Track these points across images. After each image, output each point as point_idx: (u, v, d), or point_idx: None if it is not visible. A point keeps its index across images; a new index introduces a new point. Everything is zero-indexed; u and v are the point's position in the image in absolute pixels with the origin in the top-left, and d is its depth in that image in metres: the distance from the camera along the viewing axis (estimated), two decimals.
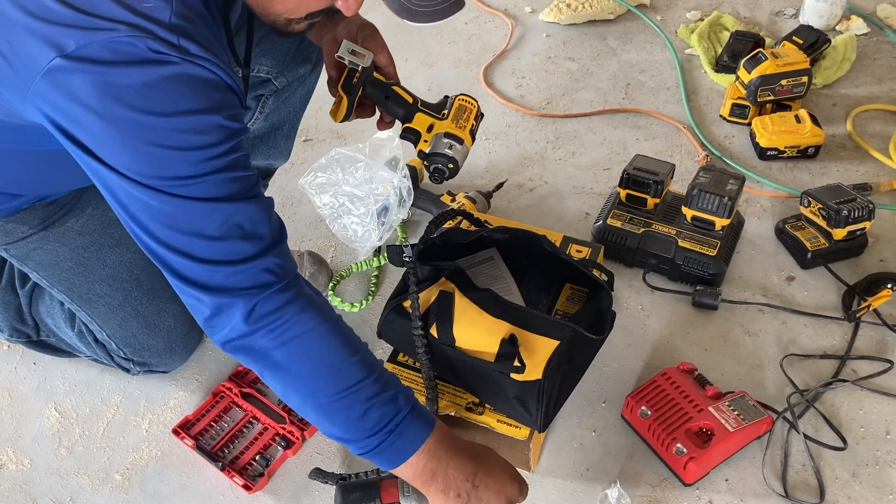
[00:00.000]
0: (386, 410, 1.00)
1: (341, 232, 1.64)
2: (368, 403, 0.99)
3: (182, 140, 0.91)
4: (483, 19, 2.35)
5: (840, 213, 1.54)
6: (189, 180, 0.92)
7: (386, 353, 1.39)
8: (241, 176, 0.96)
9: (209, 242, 0.95)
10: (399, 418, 1.01)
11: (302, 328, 0.98)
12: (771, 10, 2.31)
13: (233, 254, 0.96)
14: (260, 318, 0.97)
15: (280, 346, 0.98)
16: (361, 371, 1.00)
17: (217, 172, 0.93)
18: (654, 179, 1.58)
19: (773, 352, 1.46)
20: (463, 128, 1.26)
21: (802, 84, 1.86)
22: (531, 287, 1.38)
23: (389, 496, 1.16)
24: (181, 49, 0.89)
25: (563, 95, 2.07)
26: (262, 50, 1.34)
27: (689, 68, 2.13)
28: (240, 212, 0.96)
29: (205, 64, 0.90)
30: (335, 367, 0.99)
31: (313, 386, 1.00)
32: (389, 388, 1.02)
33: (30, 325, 1.46)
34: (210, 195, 0.93)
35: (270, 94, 1.41)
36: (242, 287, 0.96)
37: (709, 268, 1.53)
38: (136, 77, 0.87)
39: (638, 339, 1.49)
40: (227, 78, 0.93)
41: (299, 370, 1.00)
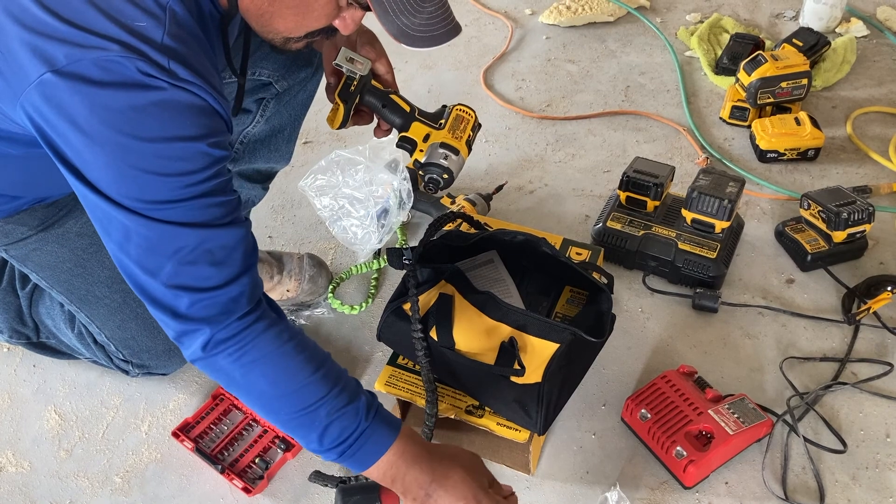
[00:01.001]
0: (346, 424, 1.03)
1: (341, 234, 1.64)
2: (328, 419, 1.02)
3: (164, 166, 0.92)
4: (483, 21, 2.35)
5: (840, 215, 1.54)
6: (167, 205, 0.94)
7: (386, 355, 1.39)
8: (220, 202, 0.98)
9: (178, 267, 0.96)
10: (359, 431, 1.04)
11: (259, 352, 1.01)
12: (770, 12, 2.31)
13: (199, 280, 0.97)
14: (217, 343, 1.00)
15: (239, 368, 1.01)
16: (322, 388, 1.02)
17: (196, 198, 0.95)
18: (654, 182, 1.58)
19: (773, 354, 1.46)
20: (459, 138, 1.26)
21: (802, 86, 1.86)
22: (531, 289, 1.38)
23: (390, 499, 1.16)
24: (171, 73, 0.90)
25: (563, 98, 2.07)
26: (263, 54, 1.34)
27: (688, 70, 2.13)
28: (212, 238, 0.97)
29: (193, 89, 0.91)
30: (294, 387, 1.02)
31: (274, 405, 1.04)
32: (352, 401, 1.04)
33: (30, 326, 1.46)
34: (186, 220, 0.95)
35: (272, 98, 1.41)
36: (203, 317, 0.99)
37: (709, 270, 1.54)
38: (123, 100, 0.88)
39: (638, 342, 1.49)
40: (215, 103, 0.94)
41: (260, 391, 1.03)
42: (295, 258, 1.59)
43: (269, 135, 1.45)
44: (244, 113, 1.42)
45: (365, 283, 1.63)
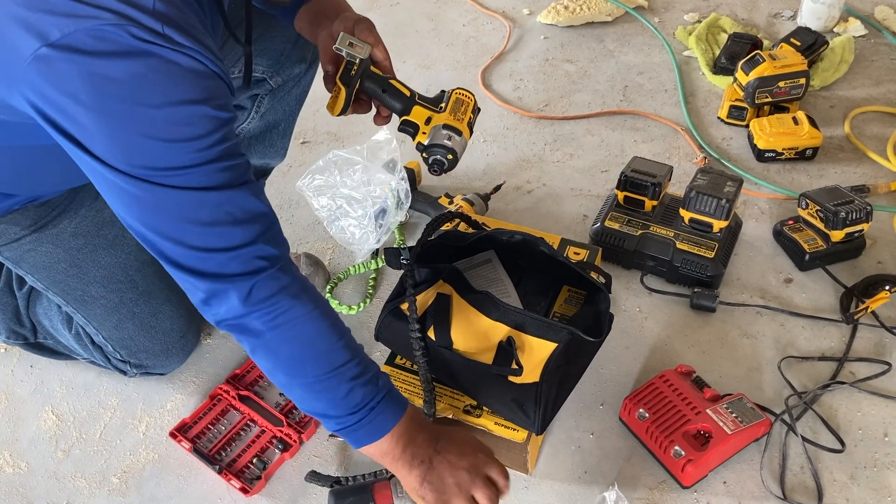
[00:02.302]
0: (367, 390, 1.05)
1: (339, 234, 1.63)
2: (352, 383, 1.04)
3: (171, 131, 0.90)
4: (481, 21, 2.35)
5: (838, 214, 1.54)
6: (179, 171, 0.92)
7: (384, 355, 1.39)
8: (232, 165, 0.96)
9: (202, 230, 0.95)
10: (379, 397, 1.06)
11: (295, 313, 1.01)
12: (768, 12, 2.31)
13: (225, 241, 0.97)
14: (257, 301, 0.99)
15: (273, 328, 1.01)
16: (347, 354, 1.05)
17: (208, 163, 0.93)
18: (652, 181, 1.58)
19: (771, 354, 1.46)
20: (461, 120, 1.25)
21: (800, 86, 1.86)
22: (529, 289, 1.38)
23: (383, 499, 1.15)
24: (166, 37, 0.87)
25: (561, 97, 2.07)
26: (257, 50, 1.33)
27: (686, 70, 2.13)
28: (231, 200, 0.96)
29: (190, 53, 0.89)
30: (324, 349, 1.04)
31: (302, 367, 1.04)
32: (370, 370, 1.07)
33: (27, 327, 1.46)
34: (201, 185, 0.94)
35: (266, 94, 1.41)
36: (236, 273, 0.98)
37: (707, 270, 1.53)
38: (122, 68, 0.86)
39: (636, 342, 1.48)
40: (214, 66, 0.92)
41: (291, 352, 1.04)
42: (292, 258, 1.59)
43: (264, 131, 1.45)
44: (238, 109, 1.42)
45: (363, 283, 1.63)
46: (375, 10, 2.40)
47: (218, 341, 1.53)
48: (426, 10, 2.42)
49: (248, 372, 1.44)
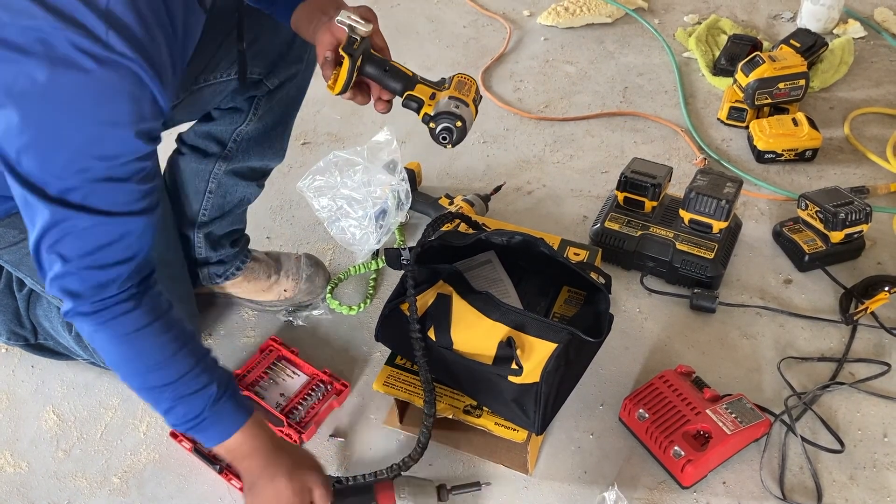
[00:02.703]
0: (189, 409, 1.09)
1: (339, 235, 1.64)
2: (173, 402, 1.08)
3: (80, 150, 0.92)
4: (481, 23, 2.35)
5: (837, 216, 1.54)
6: (73, 188, 0.94)
7: (384, 355, 1.39)
8: (128, 189, 0.98)
9: (60, 237, 0.98)
10: (201, 417, 1.09)
11: (113, 332, 1.05)
12: (768, 13, 2.32)
13: (73, 252, 0.99)
14: (76, 314, 1.04)
15: (94, 339, 1.07)
16: (171, 373, 1.07)
17: (99, 182, 0.95)
18: (652, 182, 1.59)
19: (771, 354, 1.46)
20: (466, 95, 1.22)
21: (800, 87, 1.86)
22: (529, 290, 1.38)
23: (385, 499, 1.16)
24: (105, 45, 0.87)
25: (561, 99, 2.07)
26: (253, 52, 1.33)
27: (686, 72, 2.13)
28: (105, 224, 0.98)
29: (127, 63, 0.88)
30: (141, 369, 1.08)
31: (123, 377, 1.10)
32: (201, 388, 1.09)
33: (28, 328, 1.46)
34: (85, 204, 0.96)
35: (263, 96, 1.40)
36: (68, 290, 1.02)
37: (706, 271, 1.54)
38: (45, 74, 0.86)
39: (635, 342, 1.49)
40: (151, 81, 0.91)
41: (112, 361, 1.09)
42: (293, 258, 1.59)
43: (262, 132, 1.44)
44: (235, 112, 1.42)
45: (363, 283, 1.64)
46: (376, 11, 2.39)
47: (218, 341, 1.53)
48: (426, 11, 2.42)
49: (248, 372, 1.45)
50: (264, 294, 1.55)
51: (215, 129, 1.43)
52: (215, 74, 1.32)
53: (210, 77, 1.32)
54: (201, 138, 1.44)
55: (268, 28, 1.33)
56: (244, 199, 1.48)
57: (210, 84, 1.33)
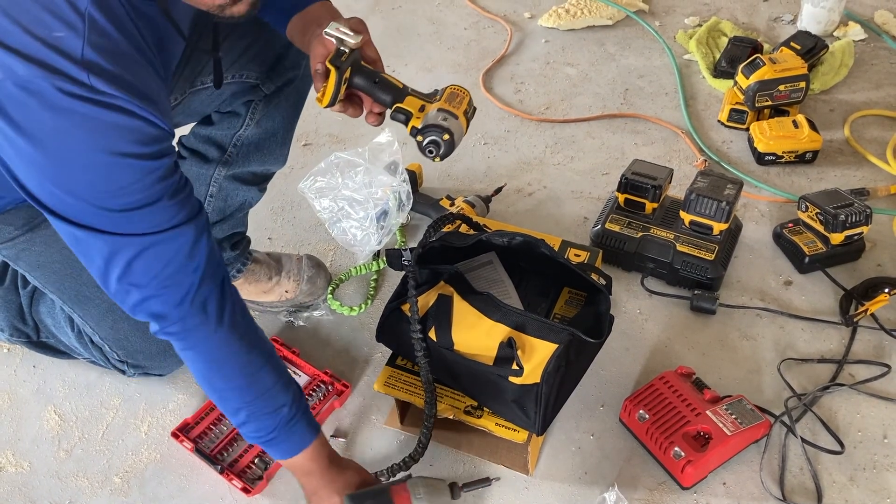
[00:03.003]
0: (262, 426, 1.14)
1: (340, 236, 1.64)
2: (247, 419, 1.14)
3: (94, 181, 0.95)
4: (482, 25, 2.36)
5: (837, 217, 1.55)
6: (103, 212, 0.97)
7: (385, 356, 1.40)
8: (159, 208, 1.00)
9: (125, 268, 1.01)
10: (271, 436, 1.15)
11: (197, 351, 1.10)
12: (769, 16, 2.32)
13: (145, 279, 1.02)
14: (163, 332, 1.08)
15: (182, 353, 1.11)
16: (246, 395, 1.12)
17: (131, 210, 0.97)
18: (653, 184, 1.59)
19: (771, 356, 1.46)
20: (457, 108, 1.19)
21: (800, 89, 1.87)
22: (529, 291, 1.38)
23: (402, 500, 1.16)
24: (91, 88, 0.89)
25: (562, 100, 2.08)
26: (248, 56, 1.34)
27: (687, 74, 2.14)
28: (153, 244, 1.01)
29: (117, 102, 0.91)
30: (220, 388, 1.13)
31: (206, 390, 1.15)
32: (274, 410, 1.14)
33: (30, 325, 1.46)
34: (117, 230, 0.98)
35: (260, 100, 1.41)
36: (150, 313, 1.06)
37: (707, 272, 1.54)
38: (49, 121, 0.90)
39: (636, 343, 1.49)
40: (145, 112, 0.94)
41: (195, 373, 1.13)
42: (294, 259, 1.60)
43: (262, 138, 1.44)
44: (233, 116, 1.42)
45: (364, 284, 1.64)
46: (377, 14, 2.40)
47: None
48: (428, 13, 2.42)
49: None
50: (266, 295, 1.55)
51: (215, 133, 1.43)
52: (211, 77, 1.33)
53: (206, 80, 1.33)
54: (201, 142, 1.45)
55: (263, 33, 1.33)
56: (245, 204, 1.49)
57: (206, 87, 1.33)
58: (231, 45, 1.32)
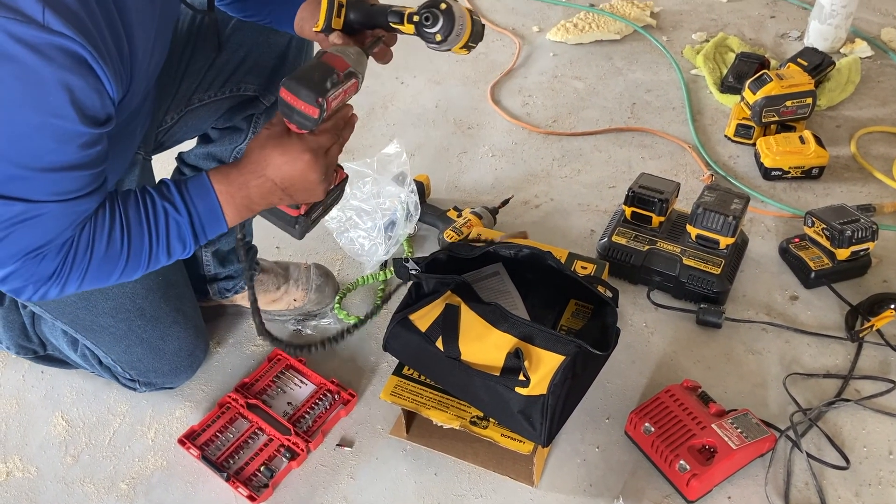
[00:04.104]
0: (178, 238, 1.05)
1: (348, 245, 1.65)
2: (166, 250, 1.05)
3: (20, 138, 0.88)
4: (491, 38, 2.37)
5: (844, 233, 1.55)
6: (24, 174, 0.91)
7: (391, 365, 1.40)
8: (79, 175, 0.95)
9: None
10: (190, 228, 1.05)
11: (77, 275, 1.01)
12: (776, 32, 2.33)
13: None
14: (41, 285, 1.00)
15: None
16: (140, 248, 1.03)
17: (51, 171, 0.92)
18: (659, 198, 1.60)
19: (777, 370, 1.46)
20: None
21: (807, 105, 1.87)
22: (536, 302, 1.39)
23: (339, 64, 1.05)
24: (44, 28, 0.82)
25: (570, 114, 2.09)
26: (246, 67, 1.34)
27: (694, 88, 2.15)
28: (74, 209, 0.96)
29: (68, 45, 0.84)
30: (123, 268, 1.04)
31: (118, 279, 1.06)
32: (168, 216, 1.04)
33: (35, 341, 1.46)
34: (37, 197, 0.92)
35: (261, 113, 1.41)
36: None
37: (713, 286, 1.54)
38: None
39: (642, 356, 1.49)
40: (94, 62, 0.87)
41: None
42: (302, 268, 1.61)
43: None
44: (234, 131, 1.43)
45: (371, 294, 1.65)
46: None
47: (227, 350, 1.54)
48: None
49: (256, 380, 1.46)
50: (274, 304, 1.56)
51: (215, 150, 1.45)
52: (209, 93, 1.34)
53: (204, 96, 1.34)
54: (202, 159, 1.46)
55: (259, 43, 1.34)
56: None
57: (204, 103, 1.34)
58: (227, 57, 1.32)
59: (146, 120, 1.25)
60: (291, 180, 1.07)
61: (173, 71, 1.28)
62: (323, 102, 1.01)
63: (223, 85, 1.35)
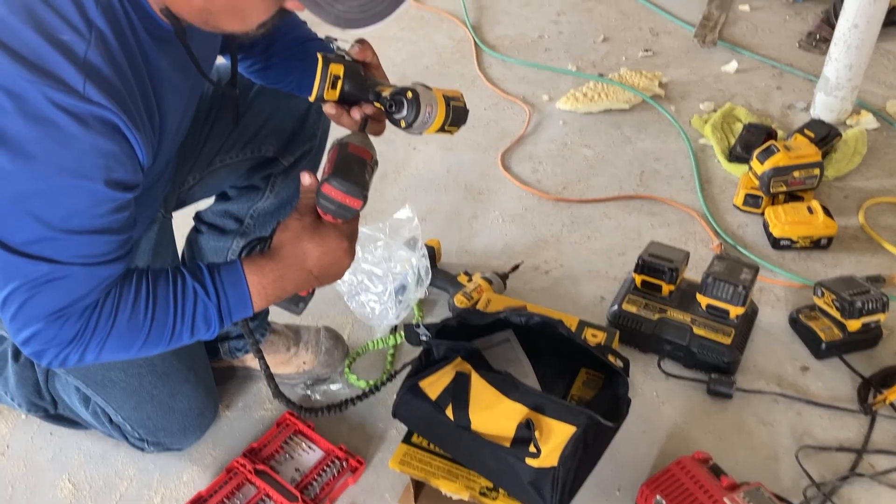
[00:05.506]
0: (202, 320, 1.06)
1: (359, 309, 1.66)
2: (190, 330, 1.06)
3: (51, 200, 0.90)
4: (501, 106, 2.41)
5: (854, 304, 1.55)
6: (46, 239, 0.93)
7: (400, 432, 1.39)
8: (109, 239, 0.97)
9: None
10: (218, 312, 1.07)
11: (101, 337, 1.02)
12: (782, 103, 2.37)
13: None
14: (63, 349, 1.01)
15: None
16: (165, 324, 1.05)
17: (82, 233, 0.94)
18: (669, 266, 1.61)
19: (789, 443, 1.45)
20: (438, 90, 1.19)
21: (815, 176, 1.89)
22: (547, 371, 1.39)
23: (364, 153, 1.10)
24: (83, 98, 0.86)
25: (579, 181, 2.11)
26: (267, 130, 1.38)
27: (702, 157, 2.17)
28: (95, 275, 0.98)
29: (105, 115, 0.88)
30: (141, 342, 1.05)
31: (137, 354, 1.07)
32: (197, 300, 1.06)
33: (47, 399, 1.46)
34: (65, 258, 0.94)
35: (279, 173, 1.44)
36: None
37: (724, 356, 1.54)
38: (21, 128, 0.86)
39: (653, 427, 1.48)
40: (129, 133, 0.91)
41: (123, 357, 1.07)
42: (312, 331, 1.61)
43: (278, 207, 1.48)
44: (252, 190, 1.46)
45: (381, 358, 1.64)
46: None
47: (236, 413, 1.54)
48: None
49: (264, 446, 1.45)
50: (284, 367, 1.56)
51: (232, 208, 1.47)
52: (231, 154, 1.37)
53: (225, 157, 1.37)
54: (219, 217, 1.49)
55: (280, 107, 1.37)
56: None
57: (225, 165, 1.37)
58: (249, 121, 1.36)
59: (168, 183, 1.28)
60: (328, 269, 1.12)
61: (197, 135, 1.32)
62: (367, 194, 1.07)
63: (244, 147, 1.38)
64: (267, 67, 1.28)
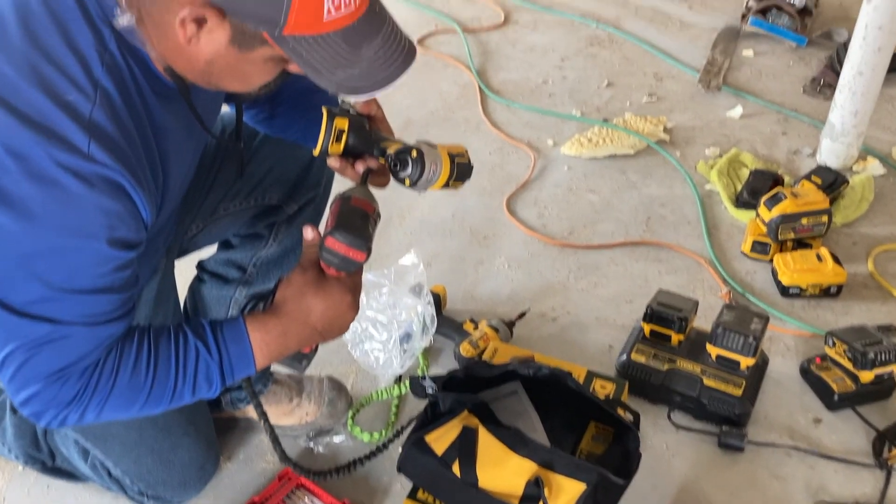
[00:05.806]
0: (204, 378, 1.04)
1: (363, 358, 1.64)
2: (192, 389, 1.04)
3: (53, 260, 0.89)
4: (506, 151, 2.42)
5: (867, 355, 1.53)
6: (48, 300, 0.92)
7: (405, 487, 1.36)
8: (107, 300, 0.96)
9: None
10: (220, 371, 1.05)
11: (101, 396, 1.00)
12: (788, 148, 2.37)
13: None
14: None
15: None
16: (167, 383, 1.03)
17: (77, 293, 0.93)
18: (678, 316, 1.59)
19: (802, 498, 1.42)
20: (443, 147, 1.20)
21: (823, 223, 1.88)
22: (555, 423, 1.36)
23: (366, 207, 1.09)
24: (88, 158, 0.86)
25: (585, 226, 2.10)
26: (272, 179, 1.37)
27: (709, 203, 2.16)
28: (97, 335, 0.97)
29: (109, 175, 0.88)
30: (142, 401, 1.03)
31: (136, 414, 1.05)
32: (198, 357, 1.04)
33: (45, 452, 1.44)
34: (67, 319, 0.93)
35: (283, 221, 1.44)
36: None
37: (734, 408, 1.51)
38: (26, 189, 0.86)
39: (663, 481, 1.45)
40: (131, 188, 0.91)
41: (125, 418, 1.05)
42: (315, 381, 1.59)
43: (282, 255, 1.47)
44: (255, 238, 1.45)
45: (385, 409, 1.62)
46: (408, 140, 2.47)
47: (237, 465, 1.51)
48: (453, 138, 2.48)
49: (266, 500, 1.41)
50: (286, 418, 1.53)
51: (235, 256, 1.46)
52: (235, 203, 1.37)
53: (229, 206, 1.36)
54: (222, 265, 1.47)
55: (285, 155, 1.37)
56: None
57: (229, 213, 1.37)
58: (253, 169, 1.35)
59: (171, 233, 1.27)
60: (332, 323, 1.11)
61: (201, 184, 1.31)
62: (370, 246, 1.06)
63: (248, 195, 1.37)
64: (272, 117, 1.28)
